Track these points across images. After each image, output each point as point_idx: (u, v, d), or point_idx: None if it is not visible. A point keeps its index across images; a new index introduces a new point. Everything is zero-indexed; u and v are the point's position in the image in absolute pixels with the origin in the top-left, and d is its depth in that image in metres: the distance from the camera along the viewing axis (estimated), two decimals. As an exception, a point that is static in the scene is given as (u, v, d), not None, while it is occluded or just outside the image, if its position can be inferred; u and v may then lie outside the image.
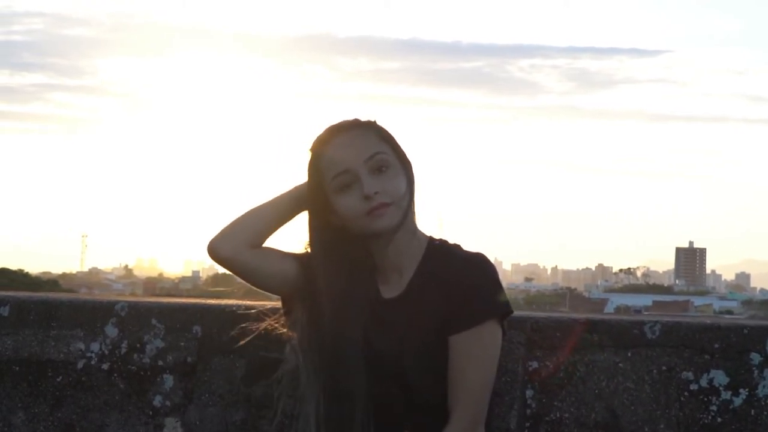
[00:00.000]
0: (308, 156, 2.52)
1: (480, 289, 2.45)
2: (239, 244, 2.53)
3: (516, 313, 2.71)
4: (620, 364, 2.85)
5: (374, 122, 2.52)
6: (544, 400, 2.89)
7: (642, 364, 2.85)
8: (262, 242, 2.56)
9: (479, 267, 2.47)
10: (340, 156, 2.45)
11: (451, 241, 2.57)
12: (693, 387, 2.83)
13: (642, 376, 2.85)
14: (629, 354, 2.85)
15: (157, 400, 3.10)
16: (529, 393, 2.90)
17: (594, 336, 2.89)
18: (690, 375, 2.83)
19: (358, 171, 2.43)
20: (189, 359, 3.09)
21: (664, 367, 2.84)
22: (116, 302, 3.15)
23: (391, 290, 2.54)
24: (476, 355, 2.43)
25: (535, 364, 2.90)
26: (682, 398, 2.83)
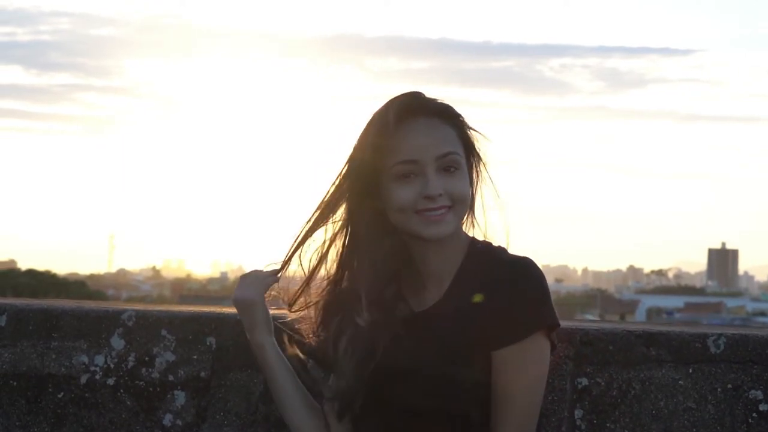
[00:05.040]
0: (374, 122, 2.31)
1: (526, 299, 2.25)
2: None
3: (563, 323, 2.54)
4: (680, 382, 2.68)
5: (459, 118, 2.34)
6: (595, 421, 2.71)
7: (705, 381, 2.67)
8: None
9: (526, 273, 2.27)
10: (411, 143, 2.27)
11: (495, 243, 2.39)
12: (762, 407, 2.66)
13: (705, 395, 2.67)
14: (690, 370, 2.68)
15: (168, 419, 2.92)
16: (578, 413, 2.71)
17: (651, 350, 2.70)
18: (759, 394, 2.66)
19: (426, 166, 2.27)
20: (202, 374, 2.91)
21: (729, 385, 2.67)
22: (123, 311, 2.97)
23: (426, 300, 2.36)
24: (523, 372, 2.25)
25: (584, 381, 2.72)
26: (750, 420, 2.66)
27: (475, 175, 2.36)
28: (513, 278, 2.25)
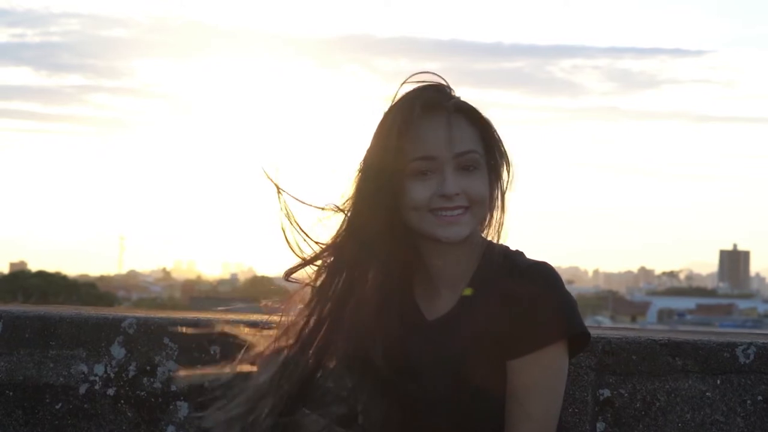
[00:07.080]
0: (391, 118, 2.20)
1: (544, 306, 2.15)
2: None
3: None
4: (708, 393, 2.59)
5: (482, 116, 2.23)
6: (617, 435, 2.63)
7: (734, 393, 2.59)
8: None
9: (543, 279, 2.17)
10: (430, 139, 2.18)
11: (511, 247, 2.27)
12: (795, 420, 2.57)
13: (734, 408, 2.58)
14: (718, 381, 2.59)
15: (170, 431, 2.84)
16: (600, 426, 2.63)
17: (677, 360, 2.61)
18: (791, 406, 2.57)
19: (444, 163, 2.17)
20: (206, 384, 2.74)
21: (759, 397, 2.58)
22: (123, 318, 2.90)
23: (440, 307, 2.26)
24: (539, 382, 2.15)
25: (607, 392, 2.64)
26: (781, 433, 2.57)
27: (494, 176, 2.25)
28: (530, 285, 2.15)
